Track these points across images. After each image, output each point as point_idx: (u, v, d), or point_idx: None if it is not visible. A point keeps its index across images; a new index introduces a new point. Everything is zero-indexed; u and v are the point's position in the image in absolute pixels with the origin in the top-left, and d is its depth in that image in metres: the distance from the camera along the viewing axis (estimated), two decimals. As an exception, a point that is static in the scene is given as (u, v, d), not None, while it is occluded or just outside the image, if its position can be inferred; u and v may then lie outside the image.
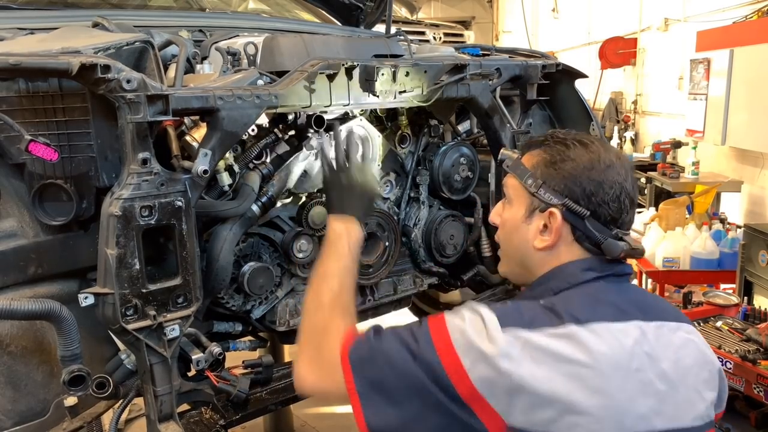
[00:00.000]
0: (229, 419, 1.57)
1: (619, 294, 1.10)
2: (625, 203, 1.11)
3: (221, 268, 1.51)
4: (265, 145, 1.63)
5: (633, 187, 1.14)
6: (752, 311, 2.84)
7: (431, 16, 11.44)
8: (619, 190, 1.11)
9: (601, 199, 1.10)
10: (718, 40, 4.63)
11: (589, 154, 1.12)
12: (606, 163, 1.11)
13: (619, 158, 1.14)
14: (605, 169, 1.11)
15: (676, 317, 1.13)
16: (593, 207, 1.10)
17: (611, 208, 1.10)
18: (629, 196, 1.12)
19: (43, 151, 1.18)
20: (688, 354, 1.08)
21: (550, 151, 1.15)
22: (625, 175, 1.12)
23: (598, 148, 1.14)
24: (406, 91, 1.66)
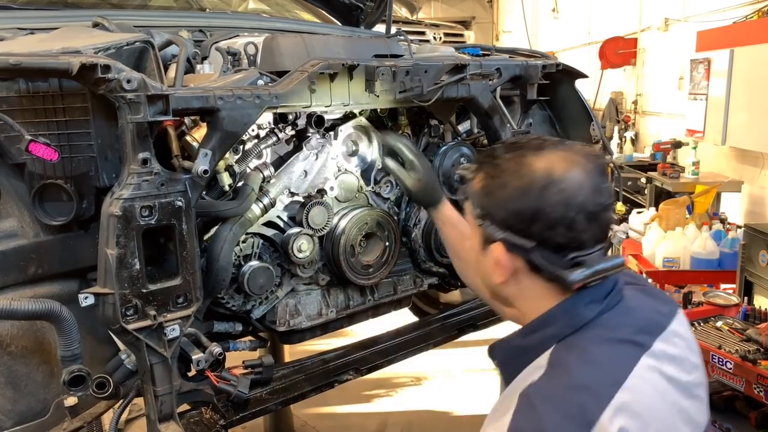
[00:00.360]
0: (229, 419, 1.57)
1: (623, 322, 1.02)
2: (577, 221, 0.97)
3: (221, 268, 1.51)
4: (265, 145, 1.63)
5: (593, 194, 0.98)
6: (752, 311, 2.84)
7: (431, 16, 11.44)
8: (564, 209, 0.97)
9: (543, 225, 0.98)
10: (718, 40, 4.63)
11: (522, 177, 1.00)
12: (543, 182, 0.98)
13: (574, 165, 0.99)
14: (542, 190, 0.98)
15: (669, 313, 1.10)
16: (537, 237, 0.99)
17: (558, 233, 0.98)
18: (584, 210, 0.97)
19: (43, 151, 1.18)
20: (688, 355, 1.07)
21: (486, 175, 1.06)
22: (576, 188, 0.98)
23: (537, 163, 1.00)
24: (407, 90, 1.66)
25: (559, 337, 1.00)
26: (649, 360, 0.98)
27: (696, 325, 2.78)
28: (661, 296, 1.16)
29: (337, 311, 1.90)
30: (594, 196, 0.98)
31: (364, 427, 3.49)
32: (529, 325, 1.05)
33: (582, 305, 1.01)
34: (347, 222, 1.80)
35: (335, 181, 1.84)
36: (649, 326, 1.04)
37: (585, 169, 1.00)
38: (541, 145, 1.03)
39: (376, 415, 3.59)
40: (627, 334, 1.00)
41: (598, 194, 0.99)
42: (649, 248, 4.03)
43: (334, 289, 1.90)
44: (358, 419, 3.55)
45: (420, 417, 3.55)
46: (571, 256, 0.99)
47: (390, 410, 3.63)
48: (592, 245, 1.00)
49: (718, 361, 2.47)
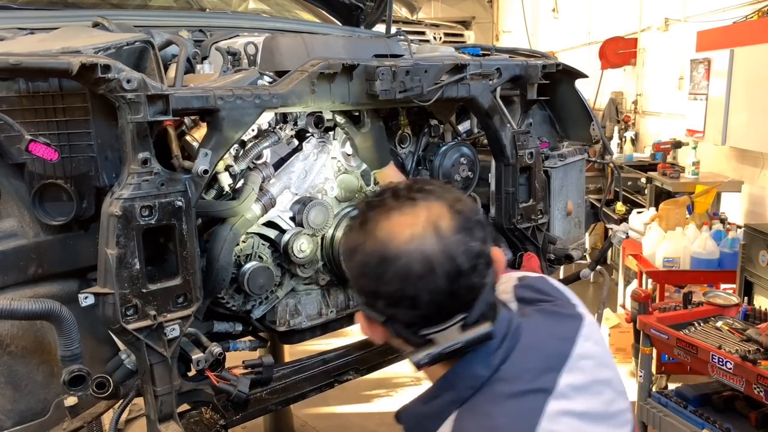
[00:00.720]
0: (229, 419, 1.57)
1: (521, 369, 0.96)
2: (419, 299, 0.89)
3: (221, 268, 1.51)
4: (265, 145, 1.63)
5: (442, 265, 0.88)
6: (752, 311, 2.84)
7: (431, 16, 11.43)
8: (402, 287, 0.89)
9: (385, 303, 0.92)
10: (718, 40, 4.63)
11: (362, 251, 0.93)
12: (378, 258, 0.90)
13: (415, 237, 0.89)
14: (378, 268, 0.90)
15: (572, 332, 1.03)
16: (383, 313, 0.93)
17: (401, 311, 0.91)
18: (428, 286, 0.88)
19: (44, 151, 1.18)
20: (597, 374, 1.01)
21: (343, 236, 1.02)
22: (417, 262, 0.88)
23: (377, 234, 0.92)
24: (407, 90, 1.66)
25: (459, 402, 0.95)
26: (556, 404, 0.93)
27: (696, 325, 2.78)
28: (563, 313, 1.08)
29: (337, 311, 1.89)
30: (443, 267, 0.89)
31: (364, 427, 3.49)
32: (429, 392, 1.00)
33: (476, 364, 0.94)
34: (347, 222, 1.80)
35: (335, 181, 1.84)
36: (552, 361, 0.98)
37: (434, 235, 0.90)
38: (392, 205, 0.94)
39: (376, 415, 3.59)
40: (527, 382, 0.94)
41: (449, 263, 0.89)
42: (649, 248, 4.03)
43: (334, 289, 1.90)
44: (358, 419, 3.55)
45: (420, 417, 3.54)
46: (422, 333, 0.92)
47: (390, 410, 3.63)
48: (445, 319, 0.91)
49: (718, 361, 2.47)
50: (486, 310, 0.95)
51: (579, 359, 1.00)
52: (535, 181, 2.06)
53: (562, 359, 0.98)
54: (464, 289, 0.91)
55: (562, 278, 2.34)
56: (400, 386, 3.87)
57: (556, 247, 2.19)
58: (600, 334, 1.09)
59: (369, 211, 0.97)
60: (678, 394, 2.86)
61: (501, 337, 0.97)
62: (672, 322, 2.82)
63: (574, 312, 1.09)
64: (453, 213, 0.93)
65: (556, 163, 2.22)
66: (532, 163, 2.02)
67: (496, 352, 0.95)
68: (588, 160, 2.45)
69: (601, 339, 1.08)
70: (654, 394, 2.93)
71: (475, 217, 0.96)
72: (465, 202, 0.97)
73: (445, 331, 0.91)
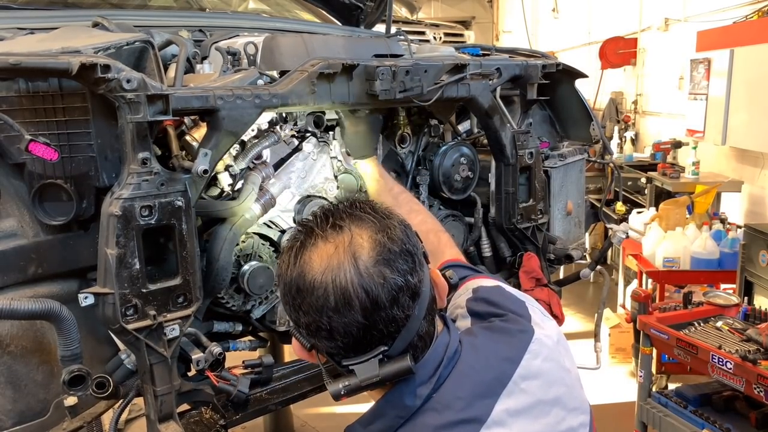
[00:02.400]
0: (229, 419, 1.57)
1: (454, 396, 0.94)
2: (334, 330, 0.88)
3: (221, 268, 1.51)
4: (265, 145, 1.63)
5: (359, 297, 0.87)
6: (752, 311, 2.84)
7: (431, 16, 11.43)
8: (316, 319, 0.89)
9: (307, 331, 0.92)
10: (718, 40, 4.63)
11: (284, 277, 0.93)
12: (296, 289, 0.90)
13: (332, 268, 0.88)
14: (296, 298, 0.91)
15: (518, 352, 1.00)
16: (308, 341, 0.93)
17: (321, 341, 0.91)
18: (341, 320, 0.88)
19: (43, 151, 1.18)
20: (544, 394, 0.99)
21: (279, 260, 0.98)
22: (333, 293, 0.88)
23: (299, 264, 0.91)
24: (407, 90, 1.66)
25: (391, 429, 0.94)
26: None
27: (696, 325, 2.78)
28: (511, 329, 1.05)
29: (337, 311, 1.89)
30: (360, 300, 0.87)
31: (364, 427, 3.48)
32: (366, 416, 0.99)
33: (406, 394, 0.93)
34: (347, 222, 1.80)
35: (335, 181, 1.84)
36: (490, 386, 0.95)
37: (352, 267, 0.88)
38: (316, 233, 0.93)
39: (376, 415, 3.58)
40: (458, 411, 0.92)
41: (366, 296, 0.88)
42: (649, 248, 4.04)
43: (334, 289, 1.90)
44: (358, 419, 3.55)
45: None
46: (343, 363, 0.91)
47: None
48: (366, 350, 0.90)
49: (718, 361, 2.47)
50: (414, 341, 0.93)
51: (522, 380, 0.97)
52: (535, 181, 2.06)
53: (502, 383, 0.96)
54: (383, 323, 0.89)
55: (562, 278, 2.34)
56: (400, 386, 3.86)
57: (556, 247, 2.19)
58: (554, 349, 1.04)
59: (299, 235, 0.96)
60: (678, 394, 2.86)
61: (435, 365, 0.95)
62: (672, 322, 2.82)
63: (524, 327, 1.05)
64: (375, 243, 0.91)
65: (556, 163, 2.22)
66: (532, 163, 2.02)
67: (428, 382, 0.94)
68: (588, 160, 2.45)
69: (554, 353, 1.04)
70: (654, 394, 2.93)
71: (399, 247, 0.92)
72: (393, 231, 0.94)
73: (365, 363, 0.90)
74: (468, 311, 1.12)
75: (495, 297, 1.13)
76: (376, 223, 0.94)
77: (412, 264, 0.93)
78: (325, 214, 0.97)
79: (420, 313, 0.94)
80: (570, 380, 1.03)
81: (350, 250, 0.90)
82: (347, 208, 0.97)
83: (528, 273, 2.12)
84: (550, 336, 1.05)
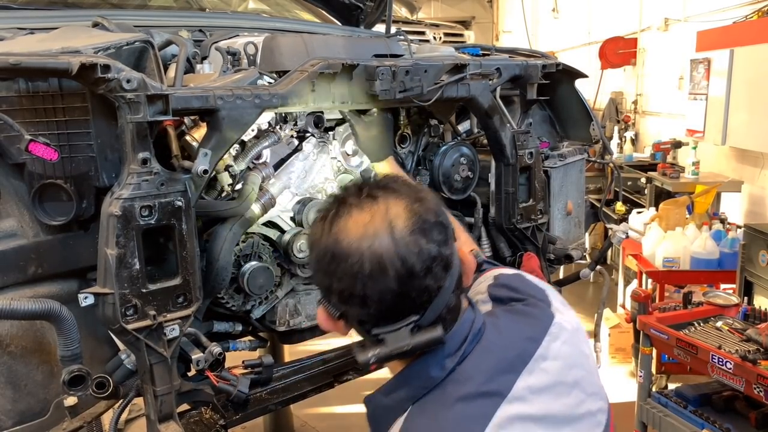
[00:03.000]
0: (229, 419, 1.57)
1: (477, 369, 0.95)
2: (369, 297, 0.89)
3: (221, 268, 1.51)
4: (265, 144, 1.63)
5: (394, 265, 0.88)
6: (752, 311, 2.84)
7: (431, 16, 11.43)
8: (351, 285, 0.90)
9: (338, 299, 0.93)
10: (718, 40, 4.63)
11: (319, 246, 0.94)
12: (332, 255, 0.91)
13: (368, 235, 0.89)
14: (331, 264, 0.91)
15: (540, 333, 1.01)
16: (338, 308, 0.94)
17: (352, 308, 0.92)
18: (379, 285, 0.88)
19: (43, 151, 1.18)
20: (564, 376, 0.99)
21: (309, 230, 1.00)
22: (368, 260, 0.88)
23: (334, 230, 0.92)
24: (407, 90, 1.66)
25: (414, 399, 0.95)
26: (509, 408, 0.92)
27: (696, 325, 2.78)
28: (533, 312, 1.06)
29: (337, 311, 1.89)
30: (395, 268, 0.88)
31: (364, 427, 3.47)
32: (388, 384, 1.01)
33: (431, 365, 0.94)
34: (347, 222, 1.80)
35: (335, 180, 1.84)
36: (512, 363, 0.96)
37: (388, 235, 0.89)
38: (352, 202, 0.94)
39: (376, 415, 3.58)
40: (480, 384, 0.93)
41: (401, 264, 0.88)
42: (649, 248, 4.04)
43: (334, 289, 1.90)
44: (358, 419, 3.53)
45: (420, 417, 3.54)
46: (373, 332, 0.92)
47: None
48: (397, 319, 0.91)
49: (718, 361, 2.47)
50: (443, 313, 0.95)
51: (542, 360, 0.98)
52: (535, 181, 2.06)
53: (523, 361, 0.97)
54: (416, 292, 0.91)
55: (562, 278, 2.34)
56: (400, 386, 3.86)
57: (556, 247, 2.19)
58: (574, 334, 1.06)
59: (333, 206, 0.97)
60: (678, 394, 2.86)
61: (461, 339, 0.96)
62: (672, 322, 2.82)
63: (545, 311, 1.07)
64: (411, 213, 0.93)
65: (556, 163, 2.22)
66: (532, 163, 2.02)
67: (453, 354, 0.95)
68: (588, 160, 2.45)
69: (574, 338, 1.05)
70: (654, 394, 2.93)
71: (434, 218, 0.94)
72: (427, 203, 0.96)
73: (396, 332, 0.91)
74: (489, 296, 1.14)
75: (516, 283, 1.15)
76: (411, 195, 0.96)
77: (445, 236, 0.95)
78: (358, 186, 0.98)
79: (450, 285, 0.95)
80: (589, 366, 1.05)
81: (387, 218, 0.91)
82: (380, 181, 0.99)
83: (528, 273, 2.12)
84: (570, 322, 1.07)
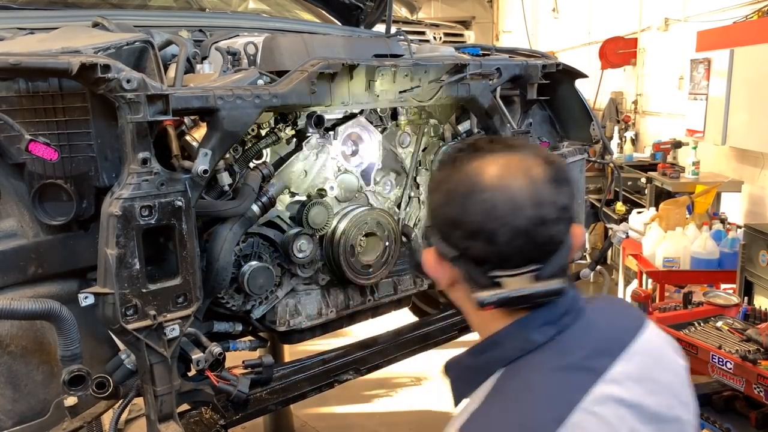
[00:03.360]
0: (229, 419, 1.57)
1: (577, 344, 0.93)
2: (498, 235, 0.88)
3: (221, 268, 1.51)
4: (265, 144, 1.63)
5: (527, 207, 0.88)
6: (752, 311, 2.83)
7: (431, 16, 11.43)
8: (483, 219, 0.88)
9: (463, 234, 0.90)
10: (718, 40, 4.62)
11: (452, 180, 0.93)
12: (466, 188, 0.91)
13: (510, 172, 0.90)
14: (464, 197, 0.90)
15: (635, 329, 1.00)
16: (458, 246, 0.92)
17: (476, 245, 0.90)
18: (509, 223, 0.87)
19: (43, 151, 1.18)
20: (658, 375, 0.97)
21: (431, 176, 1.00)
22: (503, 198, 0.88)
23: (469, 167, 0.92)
24: (407, 90, 1.66)
25: (506, 361, 0.93)
26: (603, 387, 0.90)
27: (696, 325, 2.78)
28: (629, 311, 1.06)
29: (337, 311, 1.89)
30: (528, 209, 0.88)
31: (364, 427, 3.49)
32: (479, 345, 0.98)
33: (533, 327, 0.93)
34: (347, 222, 1.80)
35: (335, 180, 1.84)
36: (609, 346, 0.95)
37: (525, 178, 0.90)
38: (480, 149, 0.95)
39: (376, 415, 3.59)
40: (579, 358, 0.91)
41: (535, 207, 0.88)
42: (650, 248, 4.03)
43: (334, 289, 1.90)
44: (358, 419, 3.55)
45: (420, 417, 3.55)
46: (492, 274, 0.90)
47: (390, 410, 3.63)
48: (519, 264, 0.90)
49: (718, 361, 2.47)
50: (559, 272, 0.93)
51: (638, 354, 0.96)
52: (535, 181, 2.05)
53: (621, 347, 0.95)
54: (542, 239, 0.90)
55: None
56: (400, 386, 3.87)
57: (556, 247, 2.19)
58: (668, 340, 1.05)
59: (464, 150, 0.96)
60: (678, 394, 2.85)
61: (563, 310, 0.94)
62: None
63: (639, 314, 1.07)
64: (547, 163, 0.93)
65: (556, 163, 2.22)
66: (532, 163, 2.02)
67: (555, 323, 0.93)
68: (588, 160, 2.45)
69: (667, 343, 1.04)
70: (654, 394, 2.92)
71: (564, 175, 0.95)
72: (560, 160, 0.97)
73: (517, 277, 0.90)
74: None
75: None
76: (542, 151, 0.96)
77: (571, 193, 0.94)
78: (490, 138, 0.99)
79: (569, 244, 0.94)
80: (682, 375, 1.03)
81: (524, 163, 0.92)
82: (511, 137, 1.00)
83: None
84: (659, 329, 1.07)
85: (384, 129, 1.96)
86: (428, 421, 3.51)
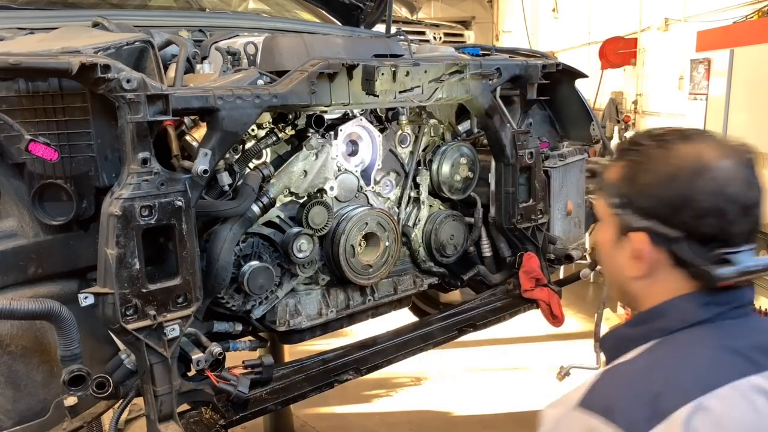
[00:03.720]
0: (229, 419, 1.57)
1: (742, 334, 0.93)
2: (728, 213, 0.90)
3: (221, 268, 1.51)
4: (265, 144, 1.63)
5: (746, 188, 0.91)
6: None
7: (431, 16, 11.43)
8: (714, 199, 0.90)
9: (692, 214, 0.91)
10: (718, 40, 4.62)
11: (672, 161, 0.94)
12: (693, 169, 0.92)
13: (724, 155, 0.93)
14: (692, 177, 0.91)
15: None
16: (684, 227, 0.92)
17: (707, 223, 0.90)
18: (736, 202, 0.90)
19: (43, 151, 1.18)
20: None
21: (629, 162, 0.99)
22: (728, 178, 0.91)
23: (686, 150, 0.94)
24: (407, 90, 1.66)
25: (666, 331, 0.94)
26: (759, 379, 0.89)
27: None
28: None
29: (337, 311, 1.89)
30: (746, 189, 0.91)
31: (364, 427, 3.48)
32: (640, 315, 1.00)
33: (699, 303, 0.94)
34: (347, 222, 1.80)
35: (335, 181, 1.84)
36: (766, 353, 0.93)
37: (736, 160, 0.93)
38: (687, 135, 0.97)
39: (376, 415, 3.59)
40: (743, 346, 0.91)
41: (749, 188, 0.92)
42: (649, 248, 4.03)
43: (334, 289, 1.90)
44: (358, 419, 3.55)
45: (420, 417, 3.55)
46: (718, 252, 0.91)
47: (390, 410, 3.63)
48: (740, 242, 0.92)
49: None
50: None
51: None
52: (535, 181, 2.06)
53: None
54: (756, 218, 0.93)
55: (562, 278, 2.34)
56: (400, 386, 3.87)
57: (556, 247, 2.19)
58: None
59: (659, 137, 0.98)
60: (678, 394, 2.85)
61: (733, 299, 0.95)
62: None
63: None
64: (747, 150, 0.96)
65: (556, 163, 2.22)
66: (532, 163, 2.02)
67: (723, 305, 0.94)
68: (588, 160, 2.45)
69: None
70: (654, 394, 2.92)
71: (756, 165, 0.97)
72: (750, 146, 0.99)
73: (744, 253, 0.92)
74: None
75: None
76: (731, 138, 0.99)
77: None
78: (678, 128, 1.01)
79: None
80: None
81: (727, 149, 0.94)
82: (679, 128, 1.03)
83: (528, 273, 2.12)
84: None
85: (384, 129, 1.96)
86: (428, 421, 3.51)
